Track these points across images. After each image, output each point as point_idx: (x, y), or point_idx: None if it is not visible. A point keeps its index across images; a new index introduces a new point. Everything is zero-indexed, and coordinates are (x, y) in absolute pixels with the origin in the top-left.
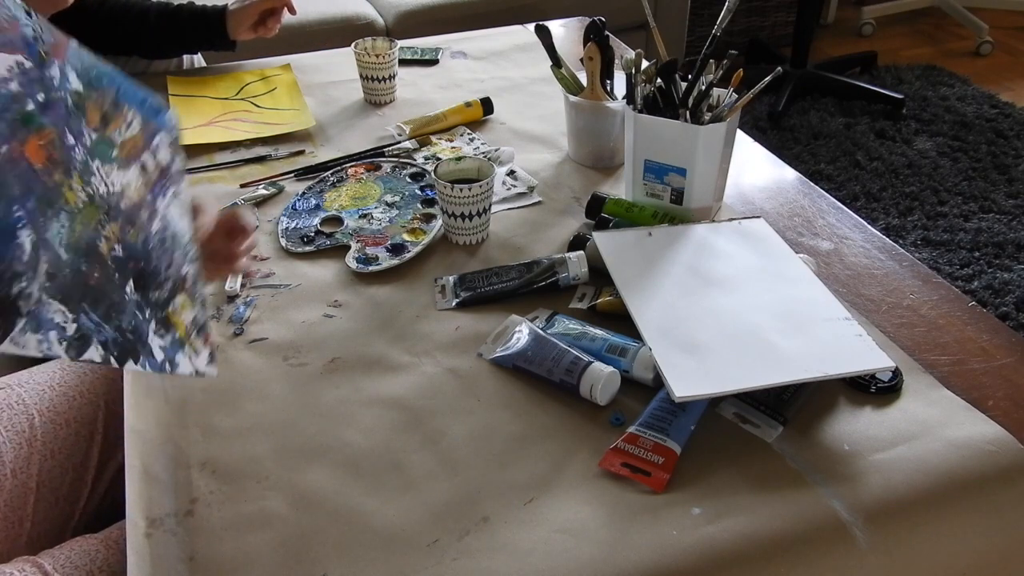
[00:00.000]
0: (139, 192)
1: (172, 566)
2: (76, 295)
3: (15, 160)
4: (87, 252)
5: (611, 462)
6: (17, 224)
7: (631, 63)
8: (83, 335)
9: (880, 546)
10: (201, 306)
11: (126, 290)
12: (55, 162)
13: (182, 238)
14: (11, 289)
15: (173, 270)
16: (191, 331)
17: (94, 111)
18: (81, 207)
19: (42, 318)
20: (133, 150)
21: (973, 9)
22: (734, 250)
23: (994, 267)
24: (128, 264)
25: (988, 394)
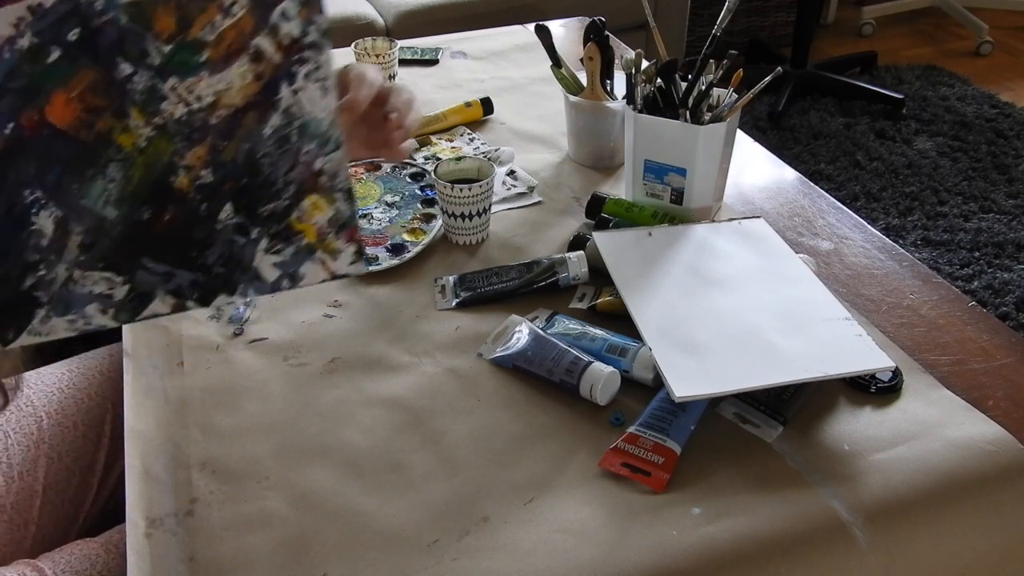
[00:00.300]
0: (246, 91)
1: (172, 566)
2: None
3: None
4: (152, 196)
5: (611, 462)
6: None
7: (631, 63)
8: (141, 293)
9: (880, 546)
10: (344, 200)
11: (218, 218)
12: (97, 110)
13: (317, 126)
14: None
15: (298, 171)
16: (327, 232)
17: (166, 15)
18: (144, 146)
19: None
20: (236, 40)
21: (973, 9)
22: (734, 250)
23: (994, 267)
24: (223, 187)
25: (988, 394)
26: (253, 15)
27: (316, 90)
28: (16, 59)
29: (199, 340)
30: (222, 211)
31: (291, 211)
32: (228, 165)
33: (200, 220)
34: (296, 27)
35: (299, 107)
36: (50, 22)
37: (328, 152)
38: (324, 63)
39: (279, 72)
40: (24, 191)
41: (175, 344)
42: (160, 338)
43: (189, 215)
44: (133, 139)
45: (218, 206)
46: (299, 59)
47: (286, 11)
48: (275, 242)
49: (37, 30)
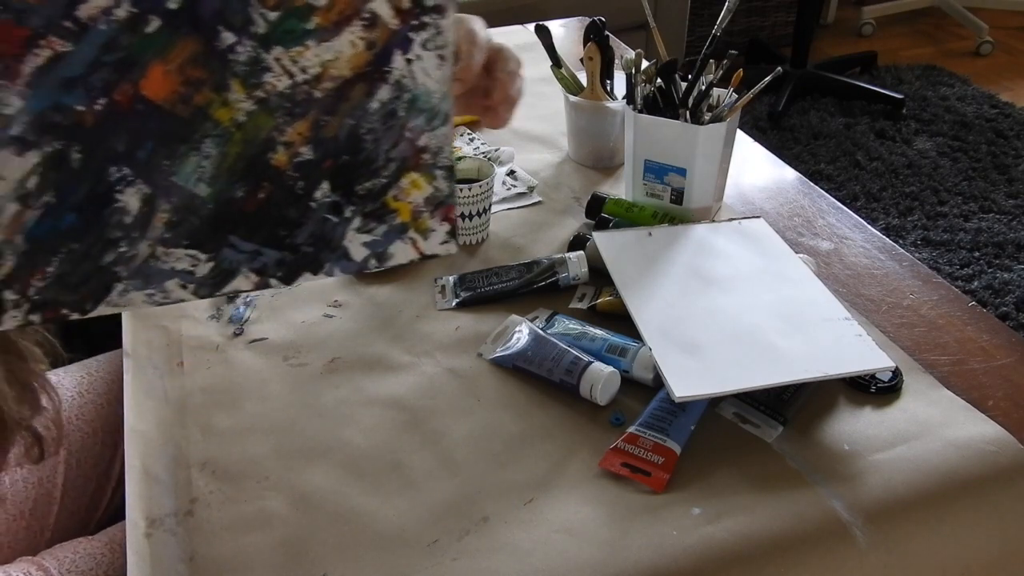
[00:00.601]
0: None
1: (172, 566)
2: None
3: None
4: (247, 173)
5: (611, 462)
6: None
7: (631, 63)
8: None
9: (880, 546)
10: (444, 177)
11: (314, 196)
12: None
13: (428, 99)
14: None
15: (401, 147)
16: (422, 211)
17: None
18: (243, 121)
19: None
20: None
21: (973, 9)
22: (734, 250)
23: (994, 267)
24: (322, 164)
25: (988, 394)
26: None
27: (432, 59)
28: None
29: (199, 340)
30: (318, 190)
31: (388, 189)
32: (329, 142)
33: (295, 199)
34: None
35: (411, 79)
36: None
37: (436, 127)
38: (445, 29)
39: (393, 39)
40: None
41: (175, 344)
42: (160, 338)
43: (284, 194)
44: (232, 114)
45: (314, 184)
46: (418, 24)
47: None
48: (367, 221)
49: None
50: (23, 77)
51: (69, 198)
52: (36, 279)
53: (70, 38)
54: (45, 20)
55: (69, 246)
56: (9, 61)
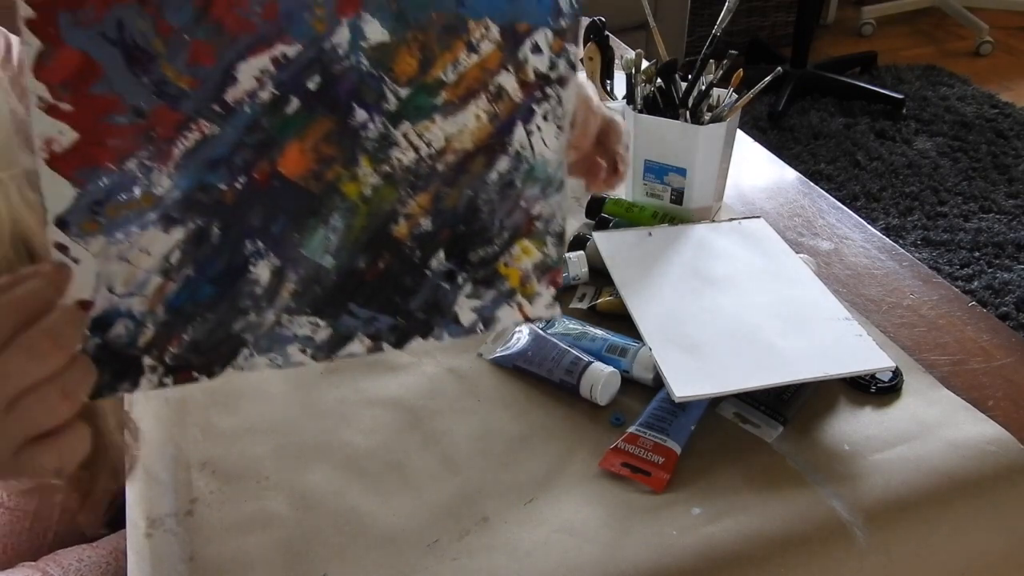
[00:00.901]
0: (478, 134)
1: (172, 566)
2: (338, 300)
3: (259, 187)
4: (370, 245)
5: (611, 462)
6: (250, 259)
7: (631, 63)
8: (341, 335)
9: (880, 546)
10: (555, 243)
11: (430, 265)
12: (328, 159)
13: (544, 168)
14: (231, 328)
15: (515, 217)
16: (530, 277)
17: (408, 57)
18: (369, 195)
19: (276, 337)
20: (477, 79)
21: (973, 9)
22: (734, 250)
23: (994, 267)
24: (439, 235)
25: (988, 394)
26: (501, 50)
27: (551, 129)
28: (256, 112)
29: None
30: (434, 258)
31: (500, 256)
32: (448, 212)
33: (412, 268)
34: (545, 60)
35: (530, 150)
36: (292, 72)
37: (550, 195)
38: (566, 100)
39: (516, 112)
40: (246, 241)
41: None
42: None
43: (402, 263)
44: (359, 188)
45: (431, 253)
46: (541, 96)
47: (537, 43)
48: (478, 287)
49: (279, 81)
50: (173, 159)
51: (207, 271)
52: (173, 346)
53: (217, 121)
54: (197, 104)
55: (204, 315)
56: (162, 144)
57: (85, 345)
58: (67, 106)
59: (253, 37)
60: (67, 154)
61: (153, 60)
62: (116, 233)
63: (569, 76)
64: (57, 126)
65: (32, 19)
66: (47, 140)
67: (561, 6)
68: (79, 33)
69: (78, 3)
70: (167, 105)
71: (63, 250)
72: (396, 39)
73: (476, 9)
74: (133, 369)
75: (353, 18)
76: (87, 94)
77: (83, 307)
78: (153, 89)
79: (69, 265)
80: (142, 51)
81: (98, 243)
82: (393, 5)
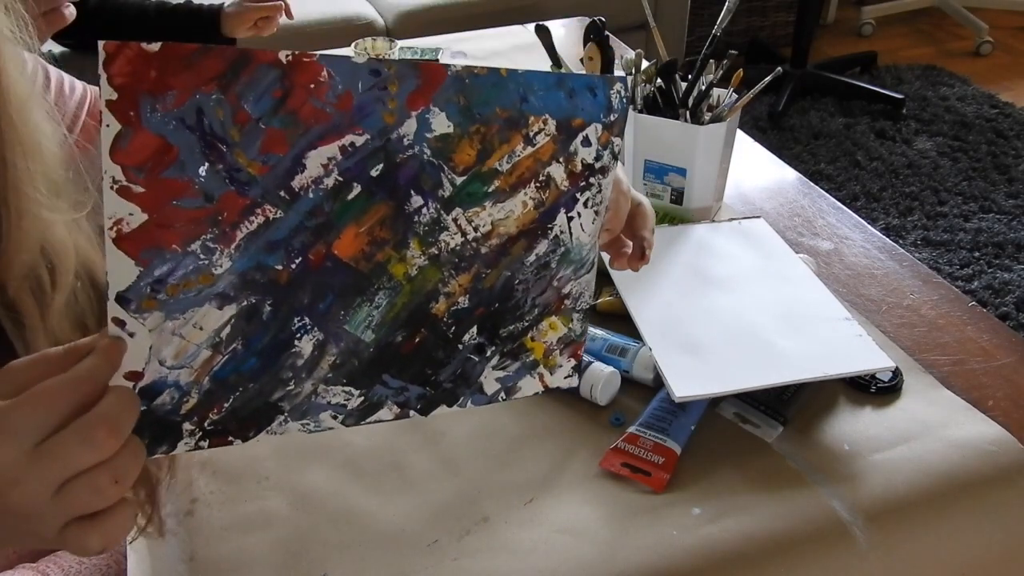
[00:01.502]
0: (523, 220)
1: (172, 566)
2: (374, 371)
3: (312, 268)
4: (409, 321)
5: (611, 462)
6: (296, 334)
7: (631, 63)
8: (372, 403)
9: (880, 546)
10: (580, 319)
11: (462, 340)
12: (380, 242)
13: (579, 251)
14: (271, 397)
15: (547, 295)
16: (554, 350)
17: (468, 149)
18: (415, 275)
19: (312, 406)
20: (531, 168)
21: (973, 9)
22: (734, 250)
23: (994, 267)
24: (474, 312)
25: (988, 394)
26: (555, 143)
27: (589, 216)
28: (319, 198)
29: None
30: (467, 334)
31: (528, 331)
32: (485, 292)
33: (445, 342)
34: (592, 153)
35: (568, 235)
36: (357, 160)
37: (580, 276)
38: (605, 187)
39: (560, 199)
40: (294, 318)
41: None
42: None
43: (437, 338)
44: (406, 268)
45: (465, 329)
46: (584, 185)
47: (588, 136)
48: (504, 359)
49: (344, 169)
50: (235, 242)
51: (255, 345)
52: (213, 413)
53: (282, 206)
54: (264, 190)
55: (246, 386)
56: (226, 228)
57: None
58: (139, 188)
59: (326, 127)
60: (134, 234)
61: (228, 146)
62: (173, 311)
63: (611, 166)
64: (128, 207)
65: (113, 101)
66: (117, 220)
67: (613, 103)
68: (158, 118)
69: (162, 89)
70: (236, 191)
71: (120, 324)
72: (460, 132)
73: (538, 107)
74: (173, 434)
75: (422, 111)
76: (159, 177)
77: (133, 377)
78: (225, 176)
79: (124, 340)
80: (218, 138)
81: (155, 319)
82: (461, 100)
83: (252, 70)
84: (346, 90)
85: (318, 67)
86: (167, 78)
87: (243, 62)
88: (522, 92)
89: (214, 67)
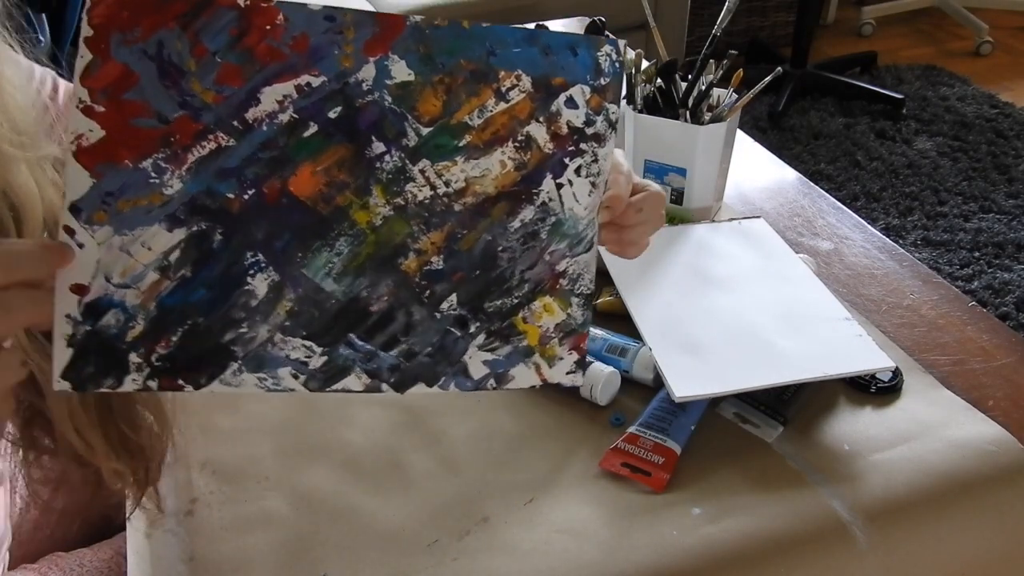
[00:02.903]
0: (502, 180)
1: (172, 566)
2: (337, 327)
3: (267, 202)
4: (376, 274)
5: (611, 462)
6: (249, 270)
7: (631, 63)
8: (337, 366)
9: (880, 546)
10: (580, 305)
11: (440, 307)
12: (340, 184)
13: (574, 225)
14: (222, 337)
15: (538, 270)
16: (551, 337)
17: (432, 99)
18: (379, 224)
19: (268, 357)
20: (506, 126)
21: (973, 9)
22: (734, 250)
23: (994, 267)
24: (452, 276)
25: (988, 394)
26: (532, 100)
27: (584, 186)
28: (273, 132)
29: None
30: (445, 301)
31: (518, 310)
32: (463, 255)
33: (420, 306)
34: (580, 115)
35: (559, 203)
36: (313, 100)
37: (578, 254)
38: (602, 157)
39: (546, 163)
40: (247, 252)
41: None
42: None
43: (409, 299)
44: (369, 217)
45: (442, 296)
46: (574, 150)
47: (573, 97)
48: (492, 339)
49: (299, 107)
50: (187, 164)
51: (204, 275)
52: (160, 346)
53: (234, 135)
54: (217, 118)
55: (195, 319)
56: (178, 150)
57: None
58: (101, 108)
59: (281, 66)
60: (92, 148)
61: (183, 75)
62: (122, 226)
63: (607, 135)
64: (89, 124)
65: (90, 37)
66: (78, 135)
67: (602, 65)
68: (124, 50)
69: (130, 26)
70: (189, 115)
71: (70, 233)
72: (422, 80)
73: (509, 61)
74: (119, 365)
75: (380, 58)
76: (120, 99)
77: (78, 290)
78: (179, 100)
79: (72, 248)
80: (175, 67)
81: (104, 233)
82: (422, 48)
83: (212, 11)
84: (302, 32)
85: (275, 11)
86: (137, 18)
87: (205, 4)
88: (489, 45)
89: (178, 8)
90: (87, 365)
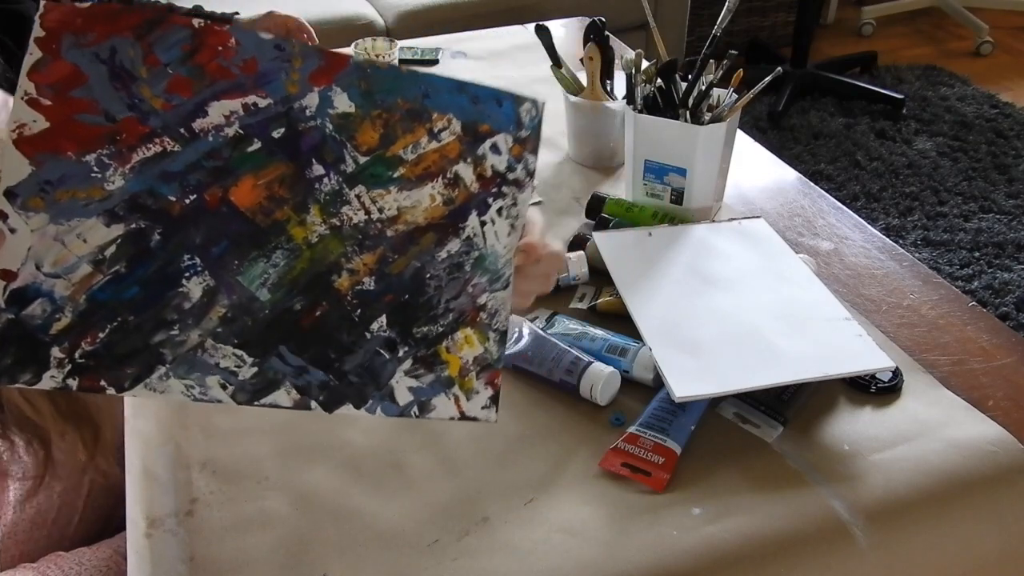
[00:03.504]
0: (431, 213)
1: (172, 566)
2: (269, 338)
3: (207, 208)
4: (309, 289)
5: (611, 462)
6: (184, 272)
7: (631, 63)
8: (267, 379)
9: (880, 546)
10: (496, 340)
11: (370, 327)
12: (279, 200)
13: (494, 261)
14: (151, 338)
15: (462, 301)
16: (470, 370)
17: (369, 131)
18: (315, 241)
19: (197, 363)
20: (436, 163)
21: (973, 9)
22: (734, 250)
23: (994, 267)
24: (382, 297)
25: (988, 394)
26: (461, 143)
27: (504, 226)
28: (219, 143)
29: None
30: (375, 321)
31: (443, 339)
32: (393, 278)
33: (351, 325)
34: (503, 161)
35: (481, 239)
36: (259, 119)
37: (496, 289)
38: (521, 202)
39: (471, 201)
40: (184, 255)
41: None
42: None
43: (341, 317)
44: (305, 233)
45: (372, 316)
46: (497, 192)
47: (497, 144)
48: (417, 366)
49: (245, 124)
50: (131, 163)
51: (139, 272)
52: (86, 342)
53: (180, 142)
54: (164, 124)
55: (125, 316)
56: (123, 148)
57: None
58: (47, 101)
59: (230, 84)
60: (34, 138)
61: (135, 80)
62: (59, 215)
63: (525, 182)
64: (33, 115)
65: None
66: (20, 124)
67: (523, 119)
68: (76, 51)
69: (83, 30)
70: (137, 118)
71: (3, 218)
72: (361, 113)
73: (441, 105)
74: (39, 358)
75: (324, 88)
76: (67, 95)
77: (6, 276)
78: (127, 102)
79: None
80: (127, 72)
81: (39, 220)
82: (363, 85)
83: (166, 26)
84: (252, 57)
85: (227, 35)
86: (91, 25)
87: (159, 20)
88: (423, 89)
89: (132, 20)
90: (5, 356)
